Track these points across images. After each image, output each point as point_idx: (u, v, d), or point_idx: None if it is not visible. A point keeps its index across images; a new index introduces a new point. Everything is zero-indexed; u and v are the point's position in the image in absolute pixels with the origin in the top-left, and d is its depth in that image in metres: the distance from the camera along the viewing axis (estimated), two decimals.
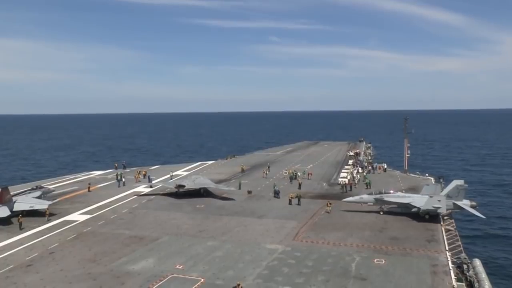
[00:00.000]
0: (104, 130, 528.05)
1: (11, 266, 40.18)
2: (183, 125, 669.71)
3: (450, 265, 40.29)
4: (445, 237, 48.72)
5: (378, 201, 60.51)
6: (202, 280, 36.62)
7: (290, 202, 65.87)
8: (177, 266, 39.75)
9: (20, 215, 54.15)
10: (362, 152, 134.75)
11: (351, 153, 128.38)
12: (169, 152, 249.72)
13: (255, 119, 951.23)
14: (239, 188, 76.96)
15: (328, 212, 59.86)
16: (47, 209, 57.65)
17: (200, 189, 73.09)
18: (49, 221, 55.68)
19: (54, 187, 74.26)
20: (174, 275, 37.71)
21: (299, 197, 66.76)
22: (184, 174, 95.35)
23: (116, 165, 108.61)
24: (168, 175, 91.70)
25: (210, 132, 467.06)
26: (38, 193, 64.07)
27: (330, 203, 61.72)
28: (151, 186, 78.85)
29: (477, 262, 41.21)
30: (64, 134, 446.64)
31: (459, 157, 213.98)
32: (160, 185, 78.40)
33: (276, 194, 70.67)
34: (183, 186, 72.16)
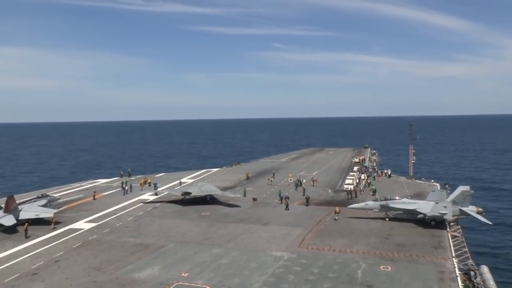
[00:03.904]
0: (108, 137, 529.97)
1: (17, 275, 40.20)
2: (188, 132, 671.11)
3: (457, 271, 39.97)
4: (451, 244, 48.41)
5: (384, 208, 60.29)
6: (208, 287, 36.57)
7: (287, 208, 67.09)
8: (183, 274, 39.66)
9: (26, 224, 54.25)
10: (367, 159, 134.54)
11: (356, 160, 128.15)
12: (174, 159, 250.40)
13: (260, 125, 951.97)
14: (244, 195, 76.93)
15: (336, 219, 59.66)
16: (53, 217, 57.82)
17: (206, 196, 73.19)
18: (54, 229, 55.80)
19: (59, 195, 74.30)
20: (180, 283, 37.63)
21: (307, 199, 70.67)
22: (189, 181, 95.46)
23: (121, 173, 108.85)
24: (173, 183, 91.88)
25: (215, 139, 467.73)
26: (43, 201, 64.11)
27: (338, 211, 61.35)
28: (156, 194, 79.08)
29: (485, 269, 40.90)
30: (69, 142, 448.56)
31: (465, 163, 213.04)
32: (166, 193, 78.54)
33: (286, 199, 70.33)
34: (189, 193, 72.28)
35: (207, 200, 72.66)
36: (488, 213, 69.48)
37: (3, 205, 56.73)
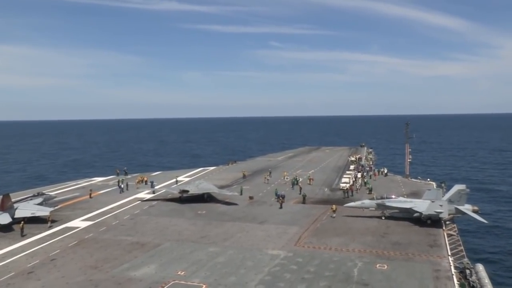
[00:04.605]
0: (103, 136, 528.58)
1: (12, 273, 40.08)
2: (184, 130, 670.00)
3: (453, 270, 40.13)
4: (447, 242, 48.59)
5: (380, 206, 60.42)
6: (204, 286, 36.53)
7: (281, 206, 67.40)
8: (179, 273, 39.66)
9: (22, 222, 54.10)
10: (364, 157, 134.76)
11: (353, 158, 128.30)
12: (167, 158, 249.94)
13: (257, 124, 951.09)
14: (241, 194, 76.96)
15: (333, 217, 59.74)
16: (49, 215, 57.66)
17: (203, 194, 73.17)
18: (50, 227, 55.66)
19: (55, 194, 74.27)
20: (176, 281, 37.61)
21: (304, 197, 71.53)
22: (186, 180, 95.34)
23: (117, 171, 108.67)
24: (170, 181, 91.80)
25: (212, 137, 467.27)
26: (39, 199, 64.02)
27: (334, 209, 61.43)
28: (153, 192, 79.07)
29: (480, 267, 41.07)
30: (62, 140, 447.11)
31: (461, 162, 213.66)
32: (163, 191, 78.49)
33: (281, 197, 70.29)
34: (187, 191, 72.21)
35: (205, 198, 72.65)
36: (483, 213, 69.60)
37: None
